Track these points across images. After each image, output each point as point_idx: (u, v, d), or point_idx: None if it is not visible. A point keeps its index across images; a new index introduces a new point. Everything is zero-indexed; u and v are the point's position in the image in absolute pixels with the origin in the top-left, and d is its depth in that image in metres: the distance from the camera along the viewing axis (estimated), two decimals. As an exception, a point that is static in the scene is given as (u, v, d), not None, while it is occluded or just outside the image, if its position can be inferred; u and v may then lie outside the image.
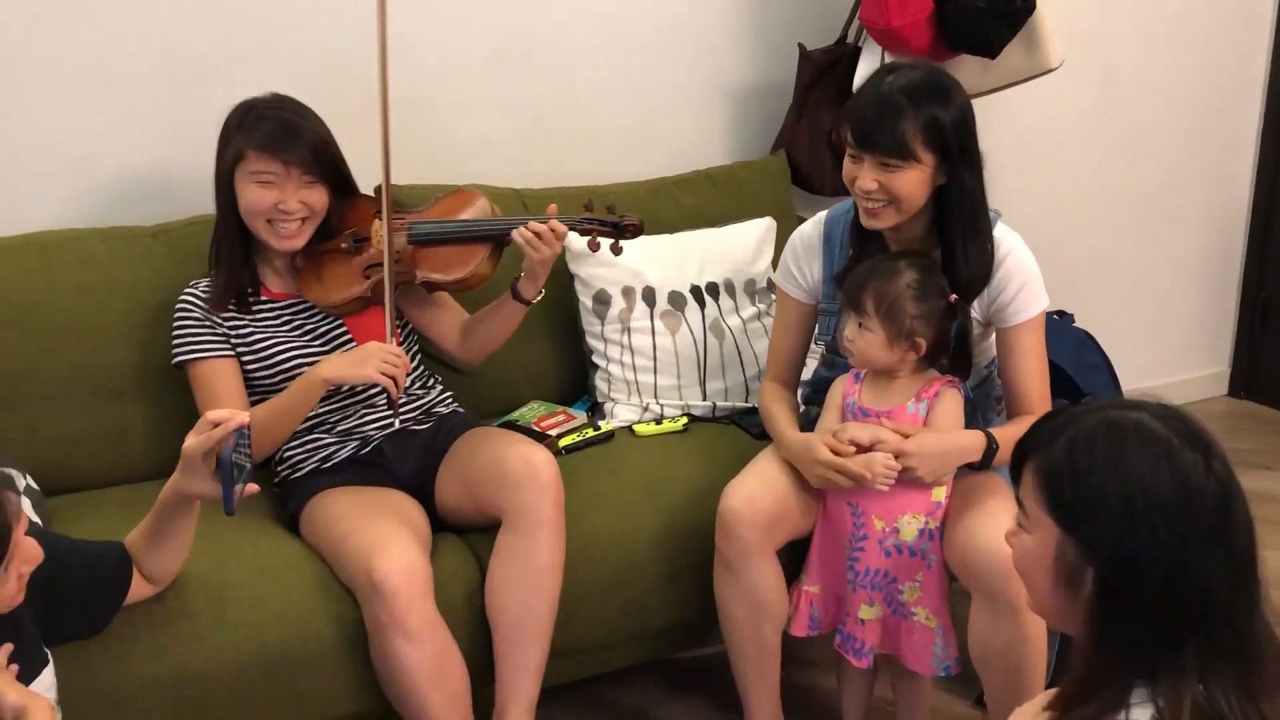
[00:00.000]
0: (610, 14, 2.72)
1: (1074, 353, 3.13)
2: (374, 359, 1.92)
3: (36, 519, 1.90)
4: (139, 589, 1.67)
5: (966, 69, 2.68)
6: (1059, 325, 3.25)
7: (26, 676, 1.44)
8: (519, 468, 1.91)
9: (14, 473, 1.91)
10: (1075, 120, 3.33)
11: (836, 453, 1.89)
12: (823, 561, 2.01)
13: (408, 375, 2.05)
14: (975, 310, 2.00)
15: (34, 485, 1.99)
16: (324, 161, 2.03)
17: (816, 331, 2.14)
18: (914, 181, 1.88)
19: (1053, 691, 1.27)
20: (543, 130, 2.70)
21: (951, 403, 1.95)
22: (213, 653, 1.75)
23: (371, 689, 1.84)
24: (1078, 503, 1.20)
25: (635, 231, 2.11)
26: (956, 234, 1.94)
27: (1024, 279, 1.97)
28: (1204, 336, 3.78)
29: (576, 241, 2.23)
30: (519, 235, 2.02)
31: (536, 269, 2.04)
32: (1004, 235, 2.00)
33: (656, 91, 2.81)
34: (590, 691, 2.31)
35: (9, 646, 1.33)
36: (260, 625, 1.79)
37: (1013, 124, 3.18)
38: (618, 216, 2.10)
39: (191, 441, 1.55)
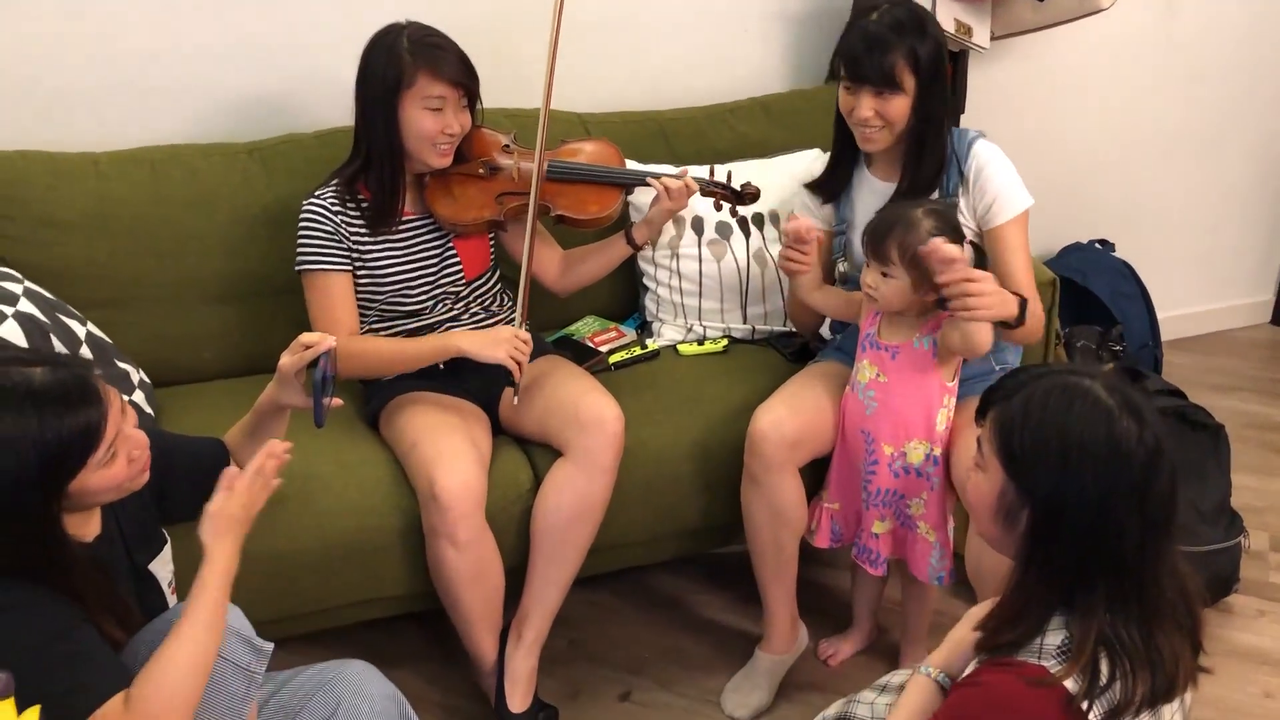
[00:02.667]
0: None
1: (1110, 282, 3.26)
2: (506, 343, 2.08)
3: (150, 410, 2.19)
4: (236, 479, 1.94)
5: (1019, 7, 2.77)
6: (1098, 254, 3.37)
7: (151, 552, 1.72)
8: (592, 416, 2.10)
9: (128, 367, 2.21)
10: (1137, 49, 3.38)
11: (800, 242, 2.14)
12: (841, 482, 2.22)
13: (490, 295, 2.25)
14: (968, 218, 2.19)
15: (145, 379, 2.25)
16: (476, 84, 2.17)
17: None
18: (903, 105, 2.12)
19: (990, 603, 1.49)
20: (607, 56, 2.83)
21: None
22: (299, 535, 2.02)
23: (425, 578, 2.10)
24: (1022, 452, 1.39)
25: (753, 199, 2.33)
26: (922, 147, 2.17)
27: (1000, 182, 2.18)
28: (1250, 265, 3.84)
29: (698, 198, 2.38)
30: (659, 184, 2.20)
31: (659, 218, 2.24)
32: (983, 149, 2.21)
33: (718, 18, 2.91)
34: (633, 579, 2.58)
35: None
36: (339, 514, 2.05)
37: (1073, 51, 3.25)
38: (738, 185, 2.32)
39: (286, 360, 1.77)
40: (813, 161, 2.68)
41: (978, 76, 3.11)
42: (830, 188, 2.31)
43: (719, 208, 2.33)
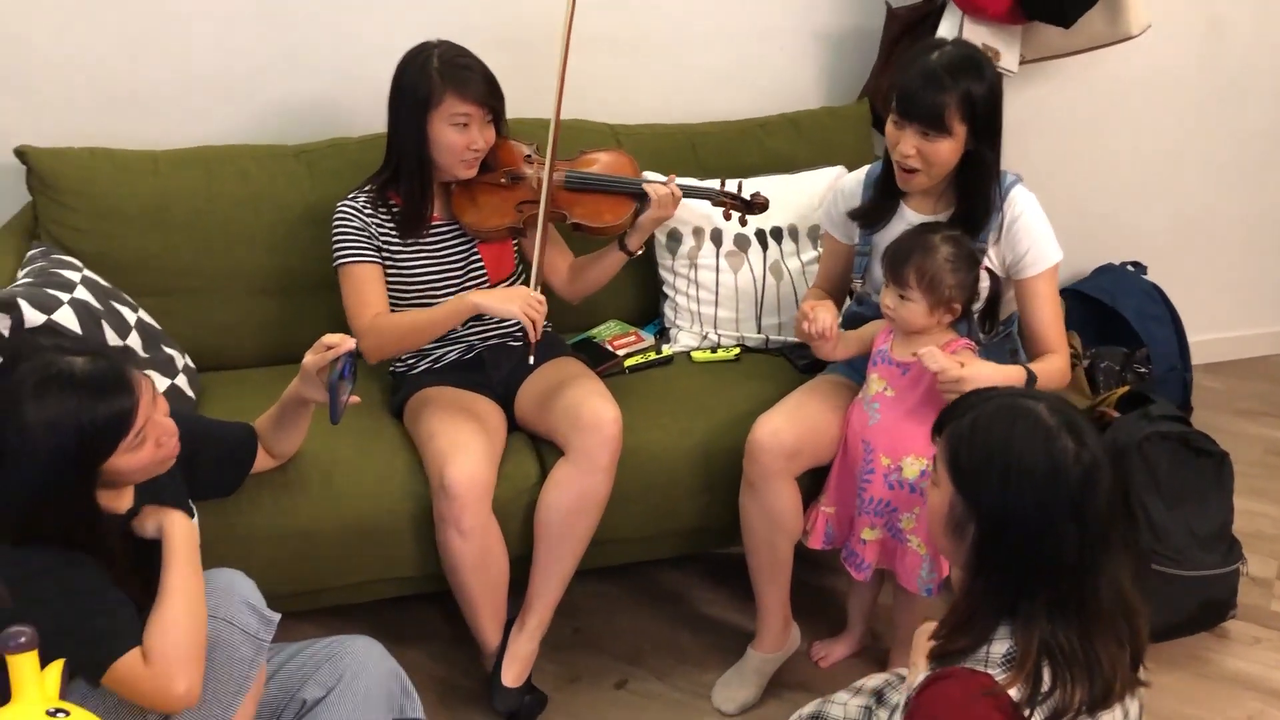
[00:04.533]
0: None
1: (1138, 303, 3.28)
2: (520, 299, 2.19)
3: (191, 394, 2.36)
4: (264, 461, 2.08)
5: (1047, 32, 2.81)
6: (1128, 276, 3.39)
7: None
8: (591, 418, 2.20)
9: (174, 352, 2.38)
10: (1179, 71, 3.39)
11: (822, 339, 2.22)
12: (839, 487, 2.30)
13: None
14: (993, 264, 2.24)
15: (190, 364, 2.43)
16: (501, 102, 2.31)
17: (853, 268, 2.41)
18: (948, 150, 2.13)
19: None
20: (641, 69, 2.94)
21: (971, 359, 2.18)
22: (319, 515, 2.17)
23: (437, 560, 2.23)
24: (969, 468, 1.49)
25: (761, 209, 2.43)
26: (972, 195, 2.20)
27: (1034, 237, 2.21)
28: (1281, 291, 3.82)
29: (709, 208, 2.52)
30: (652, 191, 2.30)
31: (648, 225, 2.35)
32: (1019, 196, 2.23)
33: (752, 34, 3.00)
34: (639, 573, 2.70)
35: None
36: (357, 497, 2.19)
37: (1113, 73, 3.28)
38: (747, 195, 2.41)
39: (309, 359, 1.91)
40: (835, 179, 2.77)
41: (1014, 98, 3.12)
42: (873, 218, 2.31)
43: (728, 217, 2.43)
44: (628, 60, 2.92)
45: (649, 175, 2.59)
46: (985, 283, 2.21)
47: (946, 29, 2.78)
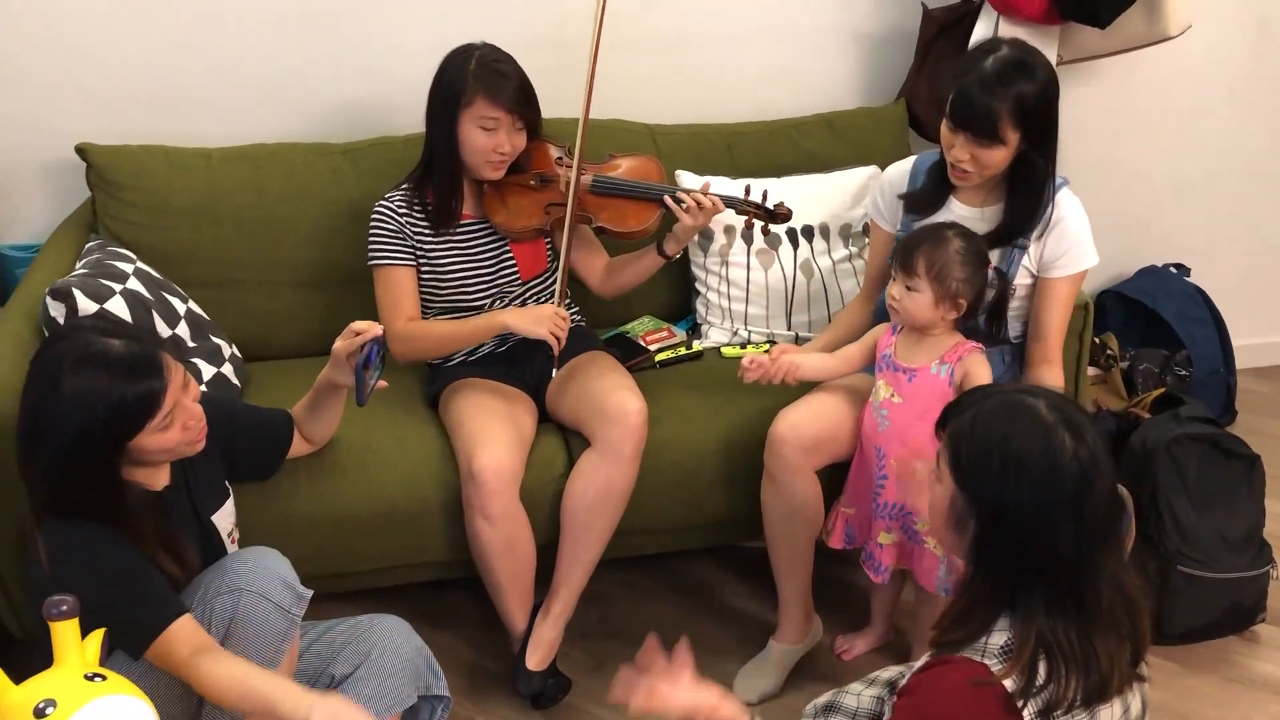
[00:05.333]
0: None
1: (1179, 305, 3.27)
2: (548, 321, 2.28)
3: (236, 382, 2.45)
4: (300, 447, 2.16)
5: (1084, 33, 2.81)
6: (1170, 278, 3.38)
7: (214, 505, 1.95)
8: (617, 409, 2.26)
9: (221, 341, 2.48)
10: (1227, 72, 3.37)
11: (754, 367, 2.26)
12: (857, 489, 2.33)
13: (548, 293, 2.44)
14: (1029, 261, 2.25)
15: (236, 353, 2.52)
16: (531, 110, 2.38)
17: None
18: (1000, 156, 2.16)
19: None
20: (679, 70, 2.99)
21: (978, 365, 2.18)
22: (352, 500, 2.25)
23: (466, 546, 2.30)
24: (969, 463, 1.51)
25: (784, 219, 2.44)
26: (1020, 194, 2.22)
27: (1073, 240, 2.24)
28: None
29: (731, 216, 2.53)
30: (687, 199, 2.34)
31: (684, 234, 2.39)
32: (1064, 199, 2.25)
33: (790, 35, 3.03)
34: (668, 565, 2.75)
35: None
36: (390, 484, 2.27)
37: (1158, 73, 3.26)
38: (772, 205, 2.43)
39: (339, 344, 2.00)
40: (869, 179, 2.80)
41: (1054, 98, 3.15)
42: (923, 204, 2.34)
43: (750, 225, 2.47)
44: (668, 61, 2.97)
45: (685, 180, 2.65)
46: (991, 280, 2.22)
47: (982, 29, 2.80)
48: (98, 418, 1.64)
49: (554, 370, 2.37)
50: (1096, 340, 3.13)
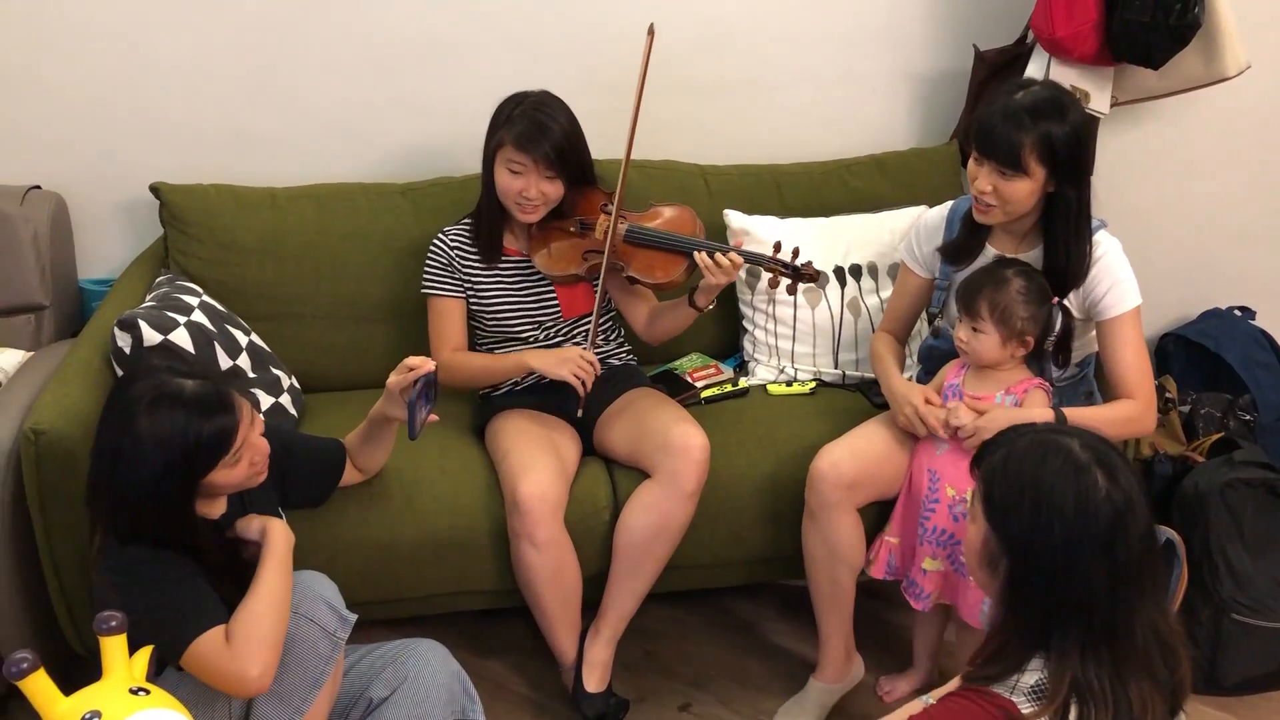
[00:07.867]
0: (805, 4, 2.98)
1: (1244, 348, 3.20)
2: (572, 363, 2.35)
3: (294, 412, 2.54)
4: (351, 476, 2.23)
5: (1140, 74, 2.80)
6: (1235, 321, 3.32)
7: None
8: (680, 442, 2.29)
9: (280, 373, 2.56)
10: (1290, 113, 3.31)
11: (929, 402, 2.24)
12: (904, 518, 2.33)
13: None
14: (1072, 306, 2.25)
15: (295, 384, 2.61)
16: (566, 161, 2.40)
17: (929, 303, 2.44)
18: (1024, 190, 2.15)
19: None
20: (732, 111, 3.03)
21: (1038, 401, 2.19)
22: (399, 529, 2.30)
23: (512, 575, 2.35)
24: (1001, 504, 1.51)
25: (810, 279, 2.37)
26: (1057, 237, 2.21)
27: (1113, 280, 2.22)
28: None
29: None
30: (701, 259, 2.34)
31: (710, 290, 2.40)
32: (1102, 239, 2.25)
33: (843, 77, 3.06)
34: (712, 600, 2.76)
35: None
36: (436, 514, 2.32)
37: (1215, 114, 3.21)
38: (799, 263, 2.37)
39: (392, 379, 2.06)
40: (917, 216, 2.79)
41: (1111, 140, 3.13)
42: (960, 254, 2.34)
43: (774, 284, 2.40)
44: (721, 103, 3.01)
45: (734, 220, 2.68)
46: (1056, 318, 2.22)
47: (1034, 71, 2.79)
48: (175, 456, 1.71)
49: (579, 411, 2.40)
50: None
